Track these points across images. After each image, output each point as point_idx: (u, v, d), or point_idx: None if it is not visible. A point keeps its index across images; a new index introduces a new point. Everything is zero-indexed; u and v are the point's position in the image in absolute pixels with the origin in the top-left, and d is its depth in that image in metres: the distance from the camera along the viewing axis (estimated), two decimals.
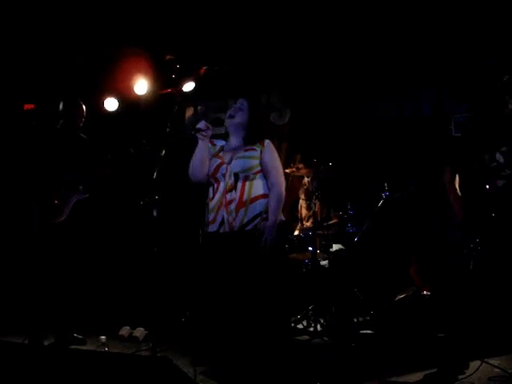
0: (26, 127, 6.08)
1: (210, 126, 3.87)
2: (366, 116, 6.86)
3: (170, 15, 6.44)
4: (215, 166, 3.88)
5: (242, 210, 3.76)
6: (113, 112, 7.21)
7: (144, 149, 5.00)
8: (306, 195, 6.52)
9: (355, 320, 5.40)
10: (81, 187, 4.93)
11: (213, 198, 3.86)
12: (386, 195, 5.74)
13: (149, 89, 7.01)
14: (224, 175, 3.84)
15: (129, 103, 7.41)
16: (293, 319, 5.43)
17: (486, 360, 4.04)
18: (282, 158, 7.31)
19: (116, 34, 6.78)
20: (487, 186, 4.36)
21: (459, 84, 6.19)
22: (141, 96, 7.10)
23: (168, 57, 6.93)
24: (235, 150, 3.95)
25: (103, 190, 5.18)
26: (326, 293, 5.50)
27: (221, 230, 3.78)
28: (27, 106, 6.60)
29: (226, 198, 3.79)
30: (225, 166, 3.86)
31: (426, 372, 3.98)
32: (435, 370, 3.96)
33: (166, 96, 7.31)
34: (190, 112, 8.17)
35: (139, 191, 5.16)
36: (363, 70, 6.83)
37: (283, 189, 3.92)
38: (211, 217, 3.83)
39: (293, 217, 6.71)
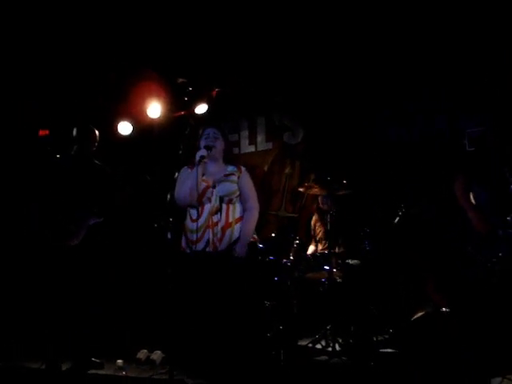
0: (40, 153, 6.15)
1: (209, 150, 4.17)
2: (379, 133, 6.83)
3: (181, 38, 6.49)
4: (202, 189, 4.09)
5: (229, 231, 4.12)
6: (127, 136, 7.26)
7: (158, 174, 5.04)
8: (320, 214, 6.49)
9: (374, 339, 5.33)
10: (95, 211, 4.95)
11: (197, 219, 4.12)
12: (402, 211, 5.69)
13: (162, 112, 7.05)
14: (210, 198, 4.12)
15: (142, 127, 7.46)
16: (311, 339, 5.39)
17: (508, 376, 3.97)
18: (295, 177, 7.40)
19: (128, 59, 6.85)
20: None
21: (474, 97, 6.15)
22: (154, 119, 7.14)
23: (180, 80, 6.99)
24: (215, 174, 4.24)
25: (118, 213, 5.20)
26: (344, 312, 5.45)
27: (207, 249, 4.08)
28: (42, 132, 6.68)
29: (212, 219, 4.09)
30: (210, 189, 4.13)
31: None
32: None
33: (178, 118, 7.37)
34: None
35: (153, 214, 5.20)
36: (375, 87, 6.83)
37: (257, 212, 4.32)
38: (195, 236, 4.10)
39: (308, 235, 6.68)
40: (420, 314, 5.46)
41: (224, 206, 4.12)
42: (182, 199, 4.14)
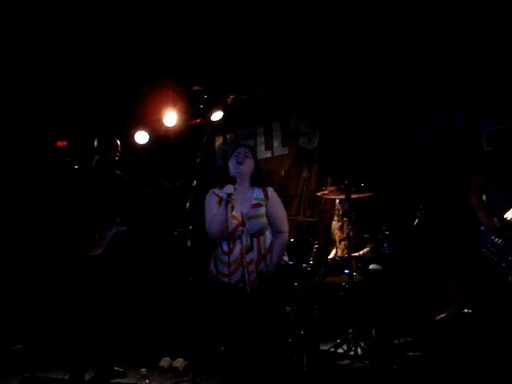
0: (59, 164, 6.21)
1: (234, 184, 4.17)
2: (396, 136, 6.80)
3: (196, 47, 6.52)
4: (232, 228, 4.11)
5: (263, 263, 4.18)
6: (143, 145, 7.30)
7: (178, 182, 5.05)
8: (338, 218, 6.47)
9: (396, 342, 5.30)
10: (118, 220, 4.97)
11: (228, 253, 4.14)
12: (421, 213, 5.66)
13: (178, 120, 7.09)
14: (240, 236, 4.16)
15: (159, 135, 7.50)
16: (333, 343, 5.37)
17: None
18: (312, 181, 7.40)
19: (143, 67, 6.88)
20: None
21: (492, 97, 6.12)
22: (170, 128, 7.18)
23: (195, 88, 7.02)
24: (242, 204, 4.22)
25: (139, 222, 5.22)
26: (365, 315, 5.43)
27: (239, 285, 4.12)
28: (60, 143, 6.74)
29: (245, 258, 4.12)
30: (241, 228, 4.15)
31: None
32: None
33: (195, 126, 7.40)
34: (219, 141, 8.24)
35: (173, 222, 5.22)
36: (393, 91, 6.80)
37: (288, 235, 4.42)
38: (227, 270, 4.12)
39: (327, 240, 6.67)
40: (442, 315, 5.43)
41: (255, 240, 4.19)
42: (212, 234, 4.19)
